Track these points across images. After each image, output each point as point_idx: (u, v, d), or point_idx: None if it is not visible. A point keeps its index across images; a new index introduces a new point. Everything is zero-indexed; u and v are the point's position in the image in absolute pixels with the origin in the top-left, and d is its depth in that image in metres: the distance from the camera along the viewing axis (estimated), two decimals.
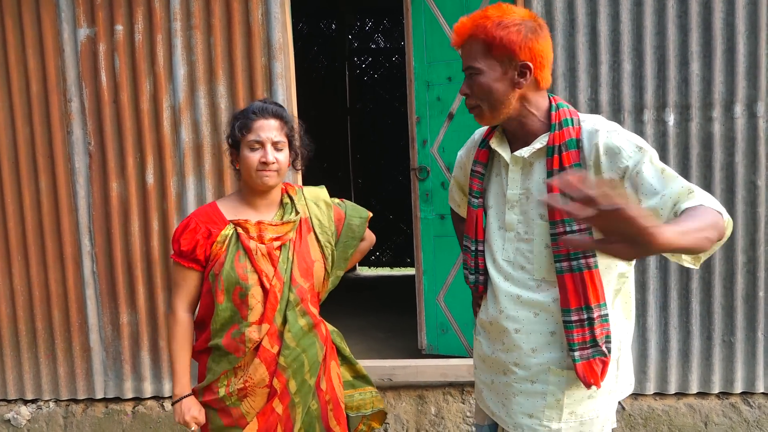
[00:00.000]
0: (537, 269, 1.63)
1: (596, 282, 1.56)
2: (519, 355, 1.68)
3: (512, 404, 1.72)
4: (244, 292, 1.83)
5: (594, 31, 3.09)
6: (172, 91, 3.26)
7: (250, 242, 1.85)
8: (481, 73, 1.57)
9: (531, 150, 1.62)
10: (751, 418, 3.15)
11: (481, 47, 1.55)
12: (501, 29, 1.52)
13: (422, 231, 3.56)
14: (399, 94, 7.53)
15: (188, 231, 1.87)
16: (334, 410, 2.00)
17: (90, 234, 3.36)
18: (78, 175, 3.33)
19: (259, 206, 1.93)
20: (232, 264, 1.83)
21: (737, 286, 3.12)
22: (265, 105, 1.90)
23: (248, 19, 3.21)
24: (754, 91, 3.04)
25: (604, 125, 1.56)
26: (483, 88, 1.58)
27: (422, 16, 3.43)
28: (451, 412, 3.30)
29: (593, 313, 1.55)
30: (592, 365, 1.57)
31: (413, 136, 3.52)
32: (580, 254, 1.54)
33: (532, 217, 1.63)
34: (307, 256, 1.95)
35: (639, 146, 1.50)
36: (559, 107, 1.63)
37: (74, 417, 3.44)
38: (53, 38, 3.27)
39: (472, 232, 1.76)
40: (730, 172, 3.08)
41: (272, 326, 1.86)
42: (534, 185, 1.63)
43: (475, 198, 1.75)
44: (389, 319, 4.63)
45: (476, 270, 1.77)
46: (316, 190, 2.09)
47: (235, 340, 1.85)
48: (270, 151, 1.84)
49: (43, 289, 3.41)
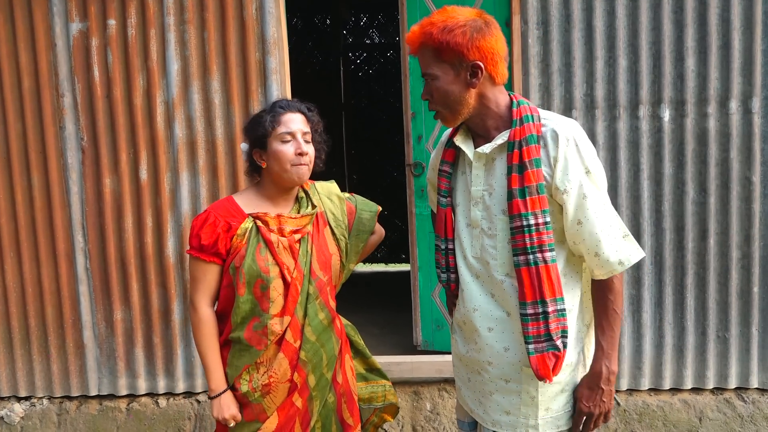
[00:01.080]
0: (500, 264, 1.66)
1: (552, 276, 1.58)
2: (492, 354, 1.71)
3: (489, 402, 1.74)
4: (266, 285, 1.84)
5: (590, 27, 3.08)
6: (165, 87, 3.24)
7: (271, 235, 1.86)
8: (437, 78, 1.61)
9: (492, 146, 1.64)
10: (745, 414, 3.17)
11: (431, 53, 1.60)
12: (446, 33, 1.56)
13: (417, 227, 3.55)
14: (394, 90, 7.50)
15: (208, 225, 1.87)
16: (347, 402, 2.03)
17: (83, 230, 3.34)
18: (71, 171, 3.30)
19: (278, 201, 1.95)
20: (253, 257, 1.84)
21: (732, 281, 3.13)
22: (290, 100, 1.95)
23: (242, 14, 3.19)
24: (749, 87, 3.04)
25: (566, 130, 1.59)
26: (440, 93, 1.62)
27: (417, 11, 3.41)
28: (447, 407, 3.30)
29: (548, 307, 1.58)
30: (545, 359, 1.59)
31: (408, 132, 3.51)
32: (537, 248, 1.57)
33: (495, 213, 1.66)
34: (325, 249, 1.98)
35: (588, 168, 1.58)
36: (520, 104, 1.66)
37: (68, 414, 3.42)
38: (45, 33, 3.24)
39: (442, 230, 1.79)
40: (725, 168, 3.08)
41: (294, 319, 1.88)
42: (496, 181, 1.66)
43: (443, 197, 1.78)
44: (384, 315, 4.62)
45: (447, 268, 1.80)
46: (327, 184, 2.12)
47: (257, 333, 1.85)
48: (302, 142, 1.87)
49: (36, 285, 3.39)
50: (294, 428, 1.92)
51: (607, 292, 1.64)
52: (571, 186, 1.57)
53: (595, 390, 1.64)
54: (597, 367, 1.64)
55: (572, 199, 1.57)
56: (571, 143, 1.57)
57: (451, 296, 1.88)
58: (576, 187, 1.57)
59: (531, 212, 1.56)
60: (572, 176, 1.57)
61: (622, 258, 1.60)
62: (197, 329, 1.91)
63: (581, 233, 1.59)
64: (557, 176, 1.57)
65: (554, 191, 1.58)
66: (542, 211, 1.56)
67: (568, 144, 1.57)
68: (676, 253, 3.14)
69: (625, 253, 1.61)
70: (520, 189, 1.56)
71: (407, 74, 3.47)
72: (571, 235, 1.61)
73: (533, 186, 1.55)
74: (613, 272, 1.61)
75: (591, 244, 1.59)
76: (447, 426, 3.26)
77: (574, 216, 1.58)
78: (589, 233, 1.59)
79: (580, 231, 1.59)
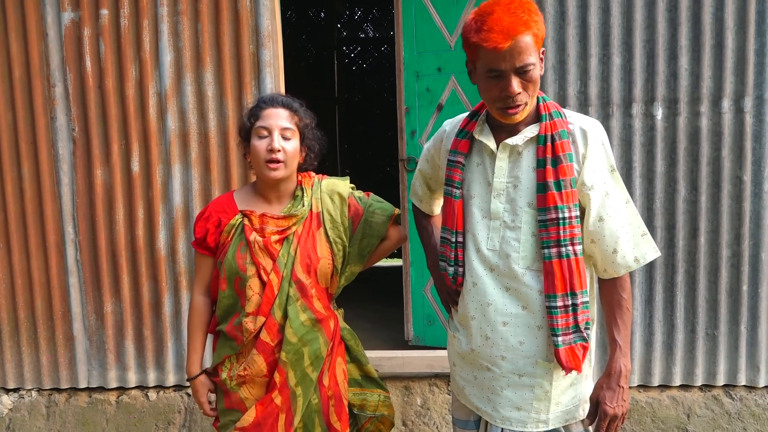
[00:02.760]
0: (523, 257, 1.64)
1: (581, 269, 1.61)
2: (506, 348, 1.69)
3: (500, 398, 1.72)
4: (243, 283, 1.87)
5: (584, 24, 3.08)
6: (158, 78, 3.22)
7: (251, 234, 1.88)
8: (535, 67, 1.53)
9: (524, 138, 1.63)
10: (732, 411, 3.19)
11: (531, 42, 1.50)
12: (539, 22, 1.51)
13: (410, 222, 3.54)
14: (388, 84, 7.50)
15: (202, 219, 1.95)
16: (335, 406, 1.99)
17: (74, 222, 3.32)
18: (62, 162, 3.28)
19: (270, 198, 1.95)
20: (233, 254, 1.87)
21: (721, 280, 3.15)
22: (276, 95, 1.94)
23: (236, 6, 3.17)
24: (741, 86, 3.05)
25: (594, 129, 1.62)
26: (535, 82, 1.56)
27: (412, 6, 3.40)
28: (437, 403, 3.31)
29: (577, 299, 1.60)
30: (575, 350, 1.61)
31: (402, 127, 3.51)
32: (569, 241, 1.58)
33: (520, 205, 1.64)
34: (312, 252, 1.92)
35: (612, 167, 1.62)
36: (546, 100, 1.67)
37: (57, 406, 3.41)
38: (36, 22, 3.21)
39: (452, 223, 1.75)
40: (716, 166, 3.10)
41: (270, 319, 1.87)
42: (523, 173, 1.64)
43: (456, 189, 1.74)
44: (375, 310, 4.62)
45: (455, 262, 1.76)
46: (335, 182, 2.04)
47: (236, 329, 1.89)
48: (277, 138, 1.83)
49: (26, 277, 3.37)
50: (276, 426, 1.91)
51: (620, 291, 1.66)
52: (596, 183, 1.60)
53: (616, 390, 1.63)
54: (616, 366, 1.64)
55: (597, 196, 1.60)
56: (598, 142, 1.61)
57: (451, 291, 1.83)
58: (601, 185, 1.61)
59: (566, 205, 1.58)
60: (598, 174, 1.60)
61: (638, 255, 1.64)
62: (189, 313, 2.03)
63: (602, 230, 1.62)
64: (585, 173, 1.60)
65: (580, 187, 1.61)
66: (574, 205, 1.59)
67: (596, 142, 1.61)
68: (667, 251, 3.16)
69: (641, 251, 1.64)
70: (555, 182, 1.58)
71: (401, 69, 3.46)
72: (591, 232, 1.63)
73: (568, 179, 1.58)
74: (629, 269, 1.64)
75: (610, 241, 1.62)
76: (437, 421, 3.27)
77: (597, 213, 1.61)
78: (609, 230, 1.61)
79: (601, 228, 1.62)
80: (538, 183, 1.60)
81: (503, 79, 1.53)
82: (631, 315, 1.67)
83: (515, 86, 1.53)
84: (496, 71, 1.53)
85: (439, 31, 3.35)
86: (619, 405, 1.63)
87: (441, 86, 3.38)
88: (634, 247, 1.63)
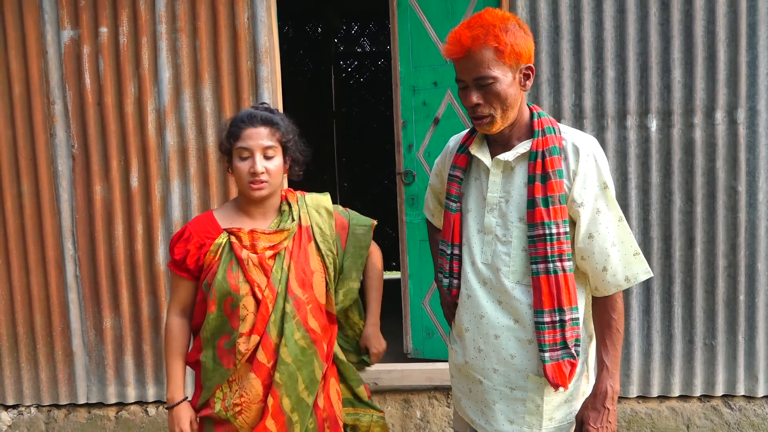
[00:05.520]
0: (513, 272, 1.65)
1: (570, 285, 1.60)
2: (498, 361, 1.70)
3: (492, 411, 1.73)
4: (235, 303, 1.79)
5: (578, 38, 3.12)
6: (157, 94, 3.25)
7: (242, 251, 1.81)
8: (496, 80, 1.55)
9: (515, 154, 1.65)
10: (732, 421, 3.19)
11: (492, 55, 1.54)
12: (509, 35, 1.53)
13: (408, 235, 3.56)
14: (384, 98, 7.54)
15: (182, 240, 1.86)
16: (330, 427, 1.95)
17: (73, 237, 3.33)
18: (61, 178, 3.30)
19: (254, 214, 1.89)
20: (224, 274, 1.80)
21: (718, 290, 3.16)
22: (255, 112, 1.85)
23: (234, 23, 3.20)
24: (734, 98, 3.09)
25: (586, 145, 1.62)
26: (500, 96, 1.57)
27: (408, 21, 3.44)
28: (437, 416, 3.31)
29: (565, 315, 1.59)
30: (561, 367, 1.60)
31: (399, 141, 3.53)
32: (557, 257, 1.58)
33: (511, 220, 1.66)
34: (306, 266, 1.88)
35: (605, 184, 1.61)
36: (541, 115, 1.68)
37: (56, 422, 3.40)
38: (36, 40, 3.24)
39: (449, 235, 1.78)
40: (711, 177, 3.12)
41: (266, 338, 1.81)
42: (515, 189, 1.66)
43: (453, 202, 1.77)
44: None
45: (450, 274, 1.79)
46: (318, 197, 2.03)
47: (228, 351, 1.81)
48: (259, 161, 1.78)
49: (25, 293, 3.37)
50: None
51: (610, 311, 1.65)
52: (586, 200, 1.59)
53: (601, 411, 1.62)
54: (602, 387, 1.63)
55: (587, 213, 1.60)
56: (591, 158, 1.60)
57: (450, 304, 1.86)
58: (591, 201, 1.59)
59: (553, 221, 1.57)
60: (589, 190, 1.59)
61: (629, 275, 1.62)
62: (165, 337, 1.92)
63: (591, 247, 1.61)
64: (575, 189, 1.59)
65: (570, 203, 1.60)
66: (563, 221, 1.58)
67: (588, 159, 1.60)
68: (664, 262, 3.17)
69: (633, 271, 1.62)
70: (543, 198, 1.58)
71: (398, 83, 3.49)
72: (580, 249, 1.62)
73: (556, 196, 1.58)
74: (619, 288, 1.62)
75: (600, 259, 1.61)
76: None
77: (586, 229, 1.60)
78: (599, 247, 1.60)
79: (590, 245, 1.61)
80: (528, 199, 1.61)
81: (466, 90, 1.61)
82: (621, 336, 1.65)
83: (473, 98, 1.58)
84: (461, 81, 1.61)
85: (434, 46, 3.38)
86: (603, 426, 1.61)
87: (437, 100, 3.41)
88: (626, 267, 1.62)
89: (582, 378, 1.71)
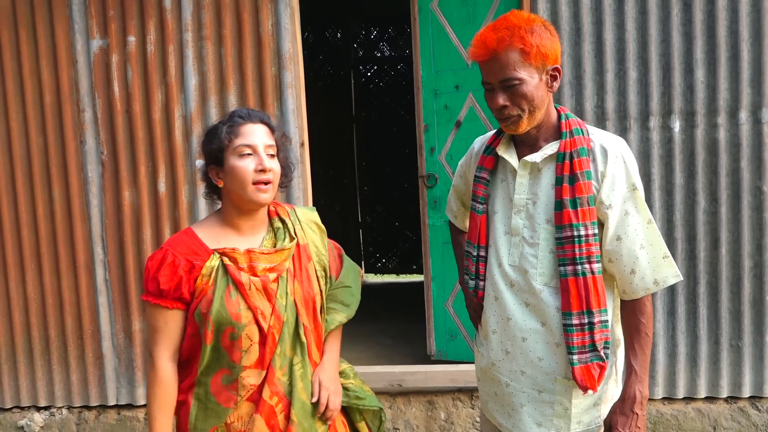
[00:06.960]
0: (540, 274, 1.65)
1: (598, 288, 1.59)
2: (525, 363, 1.70)
3: (520, 414, 1.72)
4: (236, 333, 1.57)
5: (600, 40, 3.13)
6: (183, 101, 3.31)
7: (241, 275, 1.59)
8: (523, 82, 1.56)
9: (543, 155, 1.65)
10: (759, 422, 3.17)
11: (518, 56, 1.54)
12: (535, 36, 1.54)
13: (430, 238, 3.59)
14: (404, 102, 7.57)
15: (167, 265, 1.58)
16: None
17: (102, 242, 3.40)
18: (91, 184, 3.37)
19: (244, 229, 1.67)
20: (222, 301, 1.56)
21: (744, 290, 3.14)
22: (250, 110, 1.67)
23: (258, 30, 3.26)
24: (758, 97, 3.07)
25: (615, 147, 1.62)
26: (526, 98, 1.57)
27: (429, 25, 3.47)
28: (461, 417, 3.32)
29: (594, 318, 1.58)
30: (590, 369, 1.60)
31: (421, 144, 3.56)
32: (585, 259, 1.58)
33: (539, 222, 1.65)
34: (310, 289, 1.70)
35: (633, 186, 1.59)
36: (569, 117, 1.68)
37: (87, 423, 3.47)
38: (66, 49, 3.33)
39: (475, 237, 1.78)
40: (735, 177, 3.11)
41: (271, 372, 1.62)
42: (542, 190, 1.66)
43: (480, 204, 1.77)
44: (396, 326, 4.65)
45: (476, 275, 1.79)
46: (307, 211, 1.84)
47: (226, 388, 1.60)
48: (265, 158, 1.60)
49: (56, 296, 3.45)
50: None
51: (638, 315, 1.62)
52: (615, 201, 1.58)
53: (630, 416, 1.60)
54: (630, 391, 1.61)
55: (615, 215, 1.58)
56: (620, 160, 1.59)
57: (476, 306, 1.86)
58: (620, 203, 1.58)
59: (582, 223, 1.57)
60: (617, 192, 1.58)
61: (658, 278, 1.60)
62: (151, 387, 1.60)
63: (620, 249, 1.59)
64: (603, 191, 1.58)
65: (599, 205, 1.59)
66: (591, 223, 1.58)
67: (616, 160, 1.59)
68: (688, 263, 3.16)
69: (661, 274, 1.60)
70: (571, 200, 1.58)
71: (420, 87, 3.52)
72: (608, 251, 1.61)
73: (584, 197, 1.57)
74: (647, 291, 1.60)
75: (628, 261, 1.59)
76: None
77: (614, 231, 1.59)
78: (628, 250, 1.59)
79: (618, 247, 1.59)
80: (556, 201, 1.61)
81: (492, 92, 1.62)
82: (650, 340, 1.62)
83: (500, 99, 1.59)
84: (487, 84, 1.62)
85: (456, 50, 3.41)
86: (632, 431, 1.60)
87: (459, 103, 3.43)
88: (654, 270, 1.59)
89: (610, 381, 1.70)
